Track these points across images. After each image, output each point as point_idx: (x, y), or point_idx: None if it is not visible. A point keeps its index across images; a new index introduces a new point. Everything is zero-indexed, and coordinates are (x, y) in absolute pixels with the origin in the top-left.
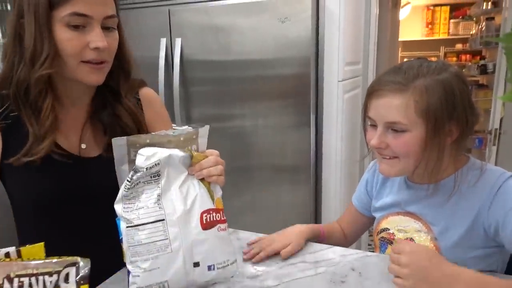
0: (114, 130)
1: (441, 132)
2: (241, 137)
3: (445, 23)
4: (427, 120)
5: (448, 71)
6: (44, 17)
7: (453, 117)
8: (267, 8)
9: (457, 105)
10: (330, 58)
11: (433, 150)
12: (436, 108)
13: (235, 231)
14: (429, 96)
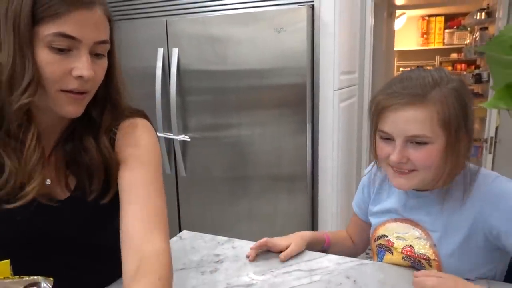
0: (77, 165)
1: (459, 140)
2: (238, 146)
3: (440, 33)
4: (447, 130)
5: (455, 79)
6: (26, 34)
7: (467, 123)
8: (263, 18)
9: (469, 113)
10: (326, 67)
11: (452, 158)
12: (455, 117)
13: (230, 240)
14: (449, 106)
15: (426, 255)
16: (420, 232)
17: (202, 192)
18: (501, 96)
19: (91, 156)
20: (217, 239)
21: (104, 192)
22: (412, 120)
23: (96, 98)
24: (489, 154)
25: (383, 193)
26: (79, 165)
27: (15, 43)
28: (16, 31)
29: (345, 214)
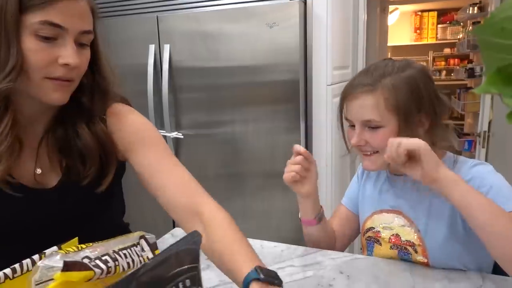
0: (69, 149)
1: (412, 123)
2: (231, 143)
3: (433, 28)
4: (397, 114)
5: (412, 67)
6: (13, 21)
7: (421, 109)
8: (255, 13)
9: (423, 97)
10: (319, 62)
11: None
12: (404, 102)
13: None
14: (397, 93)
15: (411, 242)
16: (404, 220)
17: None
18: (493, 81)
19: (85, 141)
20: None
21: (99, 179)
22: (364, 106)
23: (84, 86)
24: (482, 148)
25: (369, 184)
26: (73, 151)
27: (1, 30)
28: (2, 19)
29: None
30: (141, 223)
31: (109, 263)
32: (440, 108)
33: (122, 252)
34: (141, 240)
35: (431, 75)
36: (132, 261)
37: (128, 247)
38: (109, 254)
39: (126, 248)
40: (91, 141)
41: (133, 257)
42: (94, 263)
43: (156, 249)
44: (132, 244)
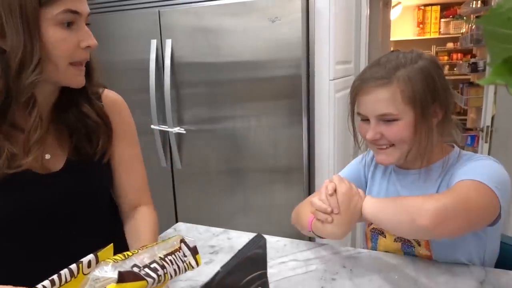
0: (79, 131)
1: (428, 114)
2: (233, 138)
3: (436, 22)
4: (414, 106)
5: (423, 58)
6: (34, 16)
7: (436, 99)
8: (257, 8)
9: (438, 87)
10: (321, 57)
11: (423, 131)
12: (421, 94)
13: (226, 231)
14: (413, 84)
15: (415, 241)
16: None
17: (198, 184)
18: (499, 72)
19: (93, 119)
20: (212, 230)
21: (104, 151)
22: (379, 100)
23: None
24: (485, 144)
25: (376, 176)
26: (80, 131)
27: (24, 28)
28: (24, 15)
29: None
30: None
31: (159, 271)
32: (451, 98)
33: (168, 258)
34: (181, 244)
35: (441, 65)
36: (178, 268)
37: (172, 253)
38: (157, 261)
39: (171, 254)
40: (96, 118)
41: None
42: (145, 272)
43: (197, 253)
44: (174, 249)
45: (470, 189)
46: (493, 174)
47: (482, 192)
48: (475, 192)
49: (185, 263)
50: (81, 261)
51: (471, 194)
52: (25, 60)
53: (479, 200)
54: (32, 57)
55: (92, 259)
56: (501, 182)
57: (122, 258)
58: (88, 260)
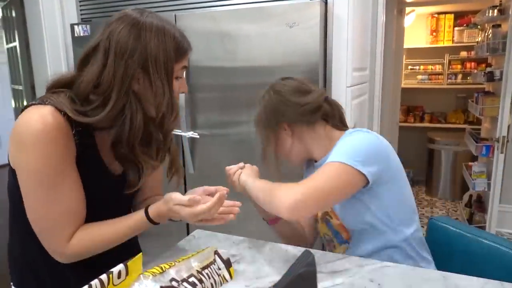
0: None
1: (277, 132)
2: (247, 143)
3: (449, 30)
4: (260, 133)
5: (267, 91)
6: (172, 71)
7: (278, 120)
8: (275, 13)
9: (271, 113)
10: (338, 64)
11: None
12: (262, 121)
13: (246, 239)
14: (257, 117)
15: (329, 213)
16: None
17: None
18: None
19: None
20: (232, 239)
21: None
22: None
23: None
24: (500, 154)
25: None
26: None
27: (168, 81)
28: (168, 71)
29: None
30: None
31: (197, 286)
32: (303, 108)
33: (205, 271)
34: (215, 256)
35: (280, 89)
36: (215, 282)
37: (207, 266)
38: (194, 275)
39: (206, 266)
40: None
41: (214, 277)
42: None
43: (230, 266)
44: (210, 262)
45: (324, 174)
46: (355, 149)
47: (335, 174)
48: (327, 176)
49: (220, 276)
50: (111, 271)
51: (324, 179)
52: (168, 110)
53: (331, 182)
54: (173, 107)
55: (122, 270)
56: (365, 153)
57: (159, 271)
58: (118, 270)
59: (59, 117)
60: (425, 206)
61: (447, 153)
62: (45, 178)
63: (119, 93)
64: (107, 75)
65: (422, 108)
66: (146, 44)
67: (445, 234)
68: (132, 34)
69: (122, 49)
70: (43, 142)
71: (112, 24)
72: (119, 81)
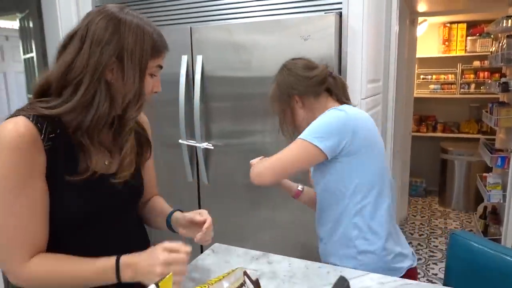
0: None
1: (290, 105)
2: (261, 154)
3: (462, 40)
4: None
5: (280, 69)
6: (146, 65)
7: (290, 93)
8: (289, 26)
9: (284, 87)
10: (353, 76)
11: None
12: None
13: (265, 254)
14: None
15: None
16: None
17: (224, 200)
18: None
19: (144, 136)
20: (251, 253)
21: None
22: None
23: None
24: None
25: None
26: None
27: (140, 73)
28: (140, 64)
29: None
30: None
31: None
32: (309, 81)
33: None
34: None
35: (291, 66)
36: None
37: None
38: None
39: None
40: (145, 134)
41: None
42: None
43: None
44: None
45: (287, 149)
46: (318, 125)
47: (294, 149)
48: (288, 150)
49: None
50: None
51: (284, 154)
52: (134, 100)
53: (289, 156)
54: (139, 98)
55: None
56: (325, 129)
57: None
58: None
59: (30, 126)
60: (438, 217)
61: (460, 164)
62: (6, 187)
63: (92, 79)
64: (81, 60)
65: (434, 117)
66: (124, 37)
67: (467, 249)
68: (110, 26)
69: (99, 38)
70: (8, 153)
71: (91, 15)
72: (93, 66)
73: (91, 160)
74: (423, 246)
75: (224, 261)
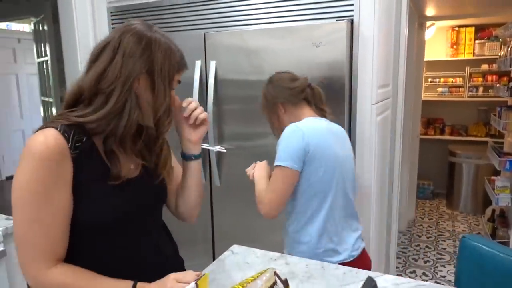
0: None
1: (276, 112)
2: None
3: (470, 44)
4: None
5: (267, 82)
6: (172, 79)
7: (275, 102)
8: (302, 33)
9: (270, 97)
10: (364, 81)
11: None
12: (264, 105)
13: (283, 256)
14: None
15: None
16: None
17: (236, 201)
18: None
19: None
20: (270, 255)
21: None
22: None
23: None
24: None
25: None
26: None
27: (167, 86)
28: (169, 78)
29: (378, 226)
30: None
31: None
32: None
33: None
34: (275, 277)
35: (274, 79)
36: None
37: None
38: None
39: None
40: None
41: None
42: None
43: (287, 286)
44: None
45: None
46: (286, 147)
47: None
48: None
49: None
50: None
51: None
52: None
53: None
54: (169, 112)
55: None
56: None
57: None
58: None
59: (58, 137)
60: (446, 219)
61: (468, 166)
62: (32, 196)
63: (123, 88)
64: (113, 69)
65: (442, 120)
66: (155, 53)
67: (477, 253)
68: (142, 41)
69: (132, 51)
70: (36, 164)
71: (122, 29)
72: (124, 77)
73: (120, 166)
74: (431, 248)
75: (244, 261)
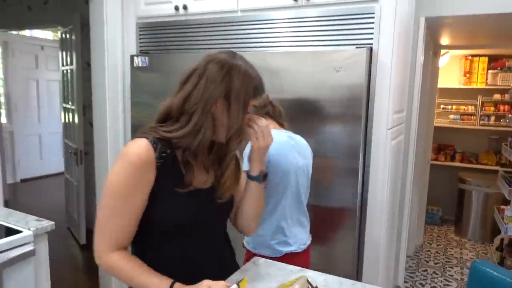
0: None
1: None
2: None
3: (483, 73)
4: None
5: None
6: (247, 104)
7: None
8: (323, 58)
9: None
10: (381, 107)
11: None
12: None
13: (302, 270)
14: None
15: None
16: None
17: None
18: None
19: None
20: (289, 268)
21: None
22: None
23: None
24: None
25: None
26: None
27: (242, 110)
28: (244, 104)
29: (387, 249)
30: None
31: None
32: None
33: None
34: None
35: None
36: None
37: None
38: None
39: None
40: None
41: None
42: None
43: None
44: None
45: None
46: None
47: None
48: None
49: None
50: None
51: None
52: (236, 134)
53: None
54: (241, 133)
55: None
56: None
57: None
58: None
59: (148, 148)
60: (454, 246)
61: (477, 194)
62: (118, 193)
63: (203, 110)
64: (196, 93)
65: (453, 147)
66: (233, 79)
67: (488, 278)
68: (224, 68)
69: (213, 77)
70: (128, 167)
71: (210, 57)
72: (204, 101)
73: (194, 175)
74: (438, 274)
75: (266, 273)
